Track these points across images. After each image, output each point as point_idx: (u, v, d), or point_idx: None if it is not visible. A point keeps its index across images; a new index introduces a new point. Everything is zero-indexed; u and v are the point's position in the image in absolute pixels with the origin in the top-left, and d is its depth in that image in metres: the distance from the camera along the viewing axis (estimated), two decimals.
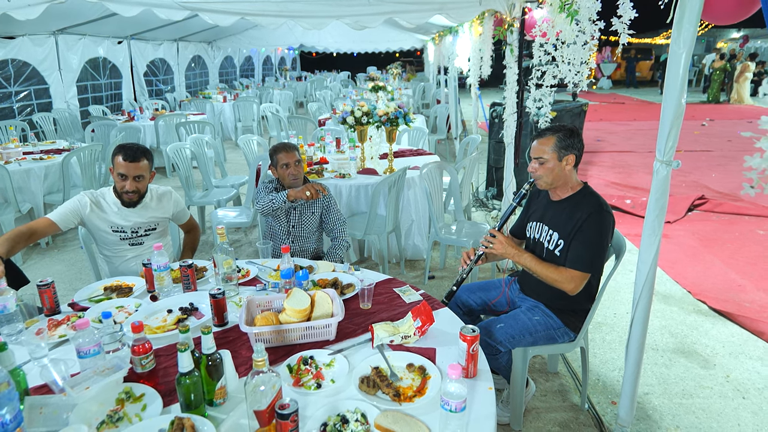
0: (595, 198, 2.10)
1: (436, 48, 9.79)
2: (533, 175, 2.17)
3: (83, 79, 8.21)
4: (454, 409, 1.21)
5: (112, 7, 3.55)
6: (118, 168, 2.37)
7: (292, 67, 20.96)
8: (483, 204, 5.78)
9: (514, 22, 3.57)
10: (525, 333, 2.13)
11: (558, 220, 2.13)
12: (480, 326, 2.13)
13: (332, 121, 6.52)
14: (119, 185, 2.41)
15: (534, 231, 2.26)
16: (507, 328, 2.13)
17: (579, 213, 2.05)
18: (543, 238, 2.19)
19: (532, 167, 2.15)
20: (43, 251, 4.55)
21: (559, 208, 2.16)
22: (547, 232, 2.17)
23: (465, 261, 2.29)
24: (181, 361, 1.30)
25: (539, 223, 2.23)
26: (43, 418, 1.30)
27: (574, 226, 2.05)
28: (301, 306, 1.74)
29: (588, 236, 2.02)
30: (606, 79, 21.83)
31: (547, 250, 2.16)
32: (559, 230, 2.11)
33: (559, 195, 2.18)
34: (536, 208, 2.31)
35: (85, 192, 2.46)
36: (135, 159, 2.37)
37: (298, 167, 2.80)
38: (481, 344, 1.98)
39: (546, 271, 2.06)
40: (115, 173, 2.40)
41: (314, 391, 1.46)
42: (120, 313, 1.92)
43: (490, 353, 2.11)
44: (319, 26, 3.94)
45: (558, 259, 2.11)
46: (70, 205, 2.40)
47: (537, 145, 2.13)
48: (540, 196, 2.32)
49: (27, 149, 5.22)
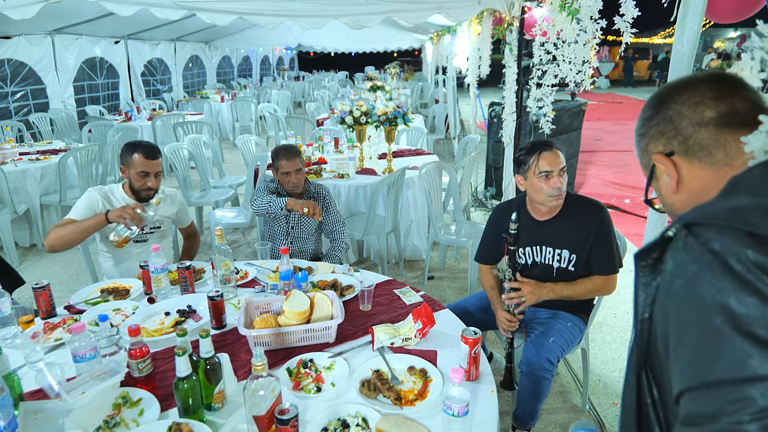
0: (585, 200, 2.08)
1: (435, 47, 9.78)
2: (559, 191, 1.97)
3: (80, 79, 8.16)
4: (457, 413, 1.19)
5: (108, 6, 3.52)
6: (139, 166, 2.40)
7: (290, 67, 20.93)
8: (482, 204, 5.77)
9: (513, 21, 3.55)
10: (570, 342, 2.09)
11: (561, 236, 2.06)
12: (528, 349, 2.02)
13: (330, 121, 6.50)
14: (139, 183, 2.43)
15: (533, 256, 2.15)
16: (558, 341, 2.04)
17: (585, 222, 2.01)
18: (549, 259, 2.11)
19: (559, 182, 1.96)
20: (40, 252, 4.51)
21: (555, 225, 2.08)
22: (552, 252, 2.10)
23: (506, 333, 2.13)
24: (179, 365, 1.28)
25: (537, 247, 2.12)
26: (38, 423, 1.28)
27: (588, 234, 2.00)
28: (301, 308, 1.72)
29: (607, 238, 2.00)
30: (604, 79, 21.85)
31: (559, 269, 2.10)
32: (569, 246, 2.05)
33: (549, 213, 2.08)
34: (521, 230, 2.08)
35: (92, 189, 2.45)
36: (155, 156, 2.43)
37: (299, 175, 2.77)
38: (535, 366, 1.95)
39: (584, 289, 2.03)
40: (134, 172, 2.41)
41: (314, 394, 1.44)
42: (117, 315, 1.90)
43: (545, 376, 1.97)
44: (317, 26, 3.91)
45: (573, 274, 2.07)
46: (84, 202, 2.38)
47: (556, 157, 1.96)
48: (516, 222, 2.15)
49: (23, 150, 5.18)
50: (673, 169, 0.83)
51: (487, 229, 2.32)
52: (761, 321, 0.56)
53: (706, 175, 0.80)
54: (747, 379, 0.55)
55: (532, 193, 2.04)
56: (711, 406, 0.58)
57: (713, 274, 0.61)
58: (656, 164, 0.86)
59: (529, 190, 2.06)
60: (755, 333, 0.55)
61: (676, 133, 0.82)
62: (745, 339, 0.56)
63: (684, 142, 0.81)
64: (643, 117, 0.89)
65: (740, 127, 0.77)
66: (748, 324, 0.56)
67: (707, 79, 0.82)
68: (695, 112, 0.80)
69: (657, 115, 0.85)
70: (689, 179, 0.82)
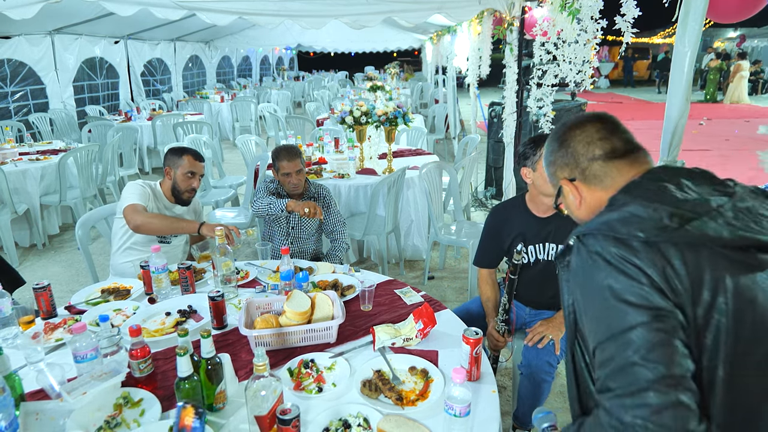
0: None
1: (435, 47, 9.77)
2: None
3: (80, 79, 8.16)
4: (458, 413, 1.19)
5: (108, 6, 3.51)
6: (187, 167, 2.52)
7: (290, 67, 20.92)
8: (482, 204, 5.77)
9: (513, 21, 3.55)
10: None
11: (565, 232, 2.05)
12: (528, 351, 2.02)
13: (330, 121, 6.50)
14: (186, 184, 2.53)
15: (535, 253, 2.13)
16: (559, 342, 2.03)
17: None
18: (552, 256, 2.11)
19: None
20: (40, 252, 4.51)
21: (559, 221, 2.06)
22: (555, 248, 2.09)
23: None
24: (180, 365, 1.28)
25: (540, 244, 2.11)
26: (39, 424, 1.28)
27: None
28: (302, 308, 1.71)
29: None
30: (604, 79, 21.85)
31: None
32: None
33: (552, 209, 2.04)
34: (521, 231, 2.13)
35: (140, 181, 2.51)
36: (202, 159, 2.59)
37: (300, 176, 2.77)
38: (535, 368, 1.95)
39: None
40: (181, 172, 2.52)
41: (315, 395, 1.44)
42: (117, 316, 1.90)
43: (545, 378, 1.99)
44: (317, 26, 3.91)
45: None
46: (138, 190, 2.44)
47: None
48: (514, 222, 2.16)
49: (23, 150, 5.17)
50: (576, 191, 1.13)
51: (484, 231, 2.28)
52: (629, 291, 0.90)
53: (600, 196, 1.09)
54: (627, 328, 0.88)
55: (541, 184, 2.02)
56: (610, 352, 0.90)
57: (598, 267, 0.95)
58: (563, 186, 1.16)
59: (537, 181, 2.04)
60: (627, 299, 0.90)
61: (576, 165, 1.11)
62: (622, 304, 0.90)
63: (582, 173, 1.11)
64: (550, 150, 1.19)
65: (620, 158, 1.07)
66: (623, 294, 0.90)
67: (594, 121, 1.11)
68: (588, 150, 1.09)
69: (560, 150, 1.15)
70: (588, 199, 1.12)
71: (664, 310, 0.88)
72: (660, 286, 0.89)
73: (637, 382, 0.85)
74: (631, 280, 0.90)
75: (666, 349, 0.85)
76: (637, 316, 0.88)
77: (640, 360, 0.85)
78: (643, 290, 0.89)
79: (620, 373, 0.87)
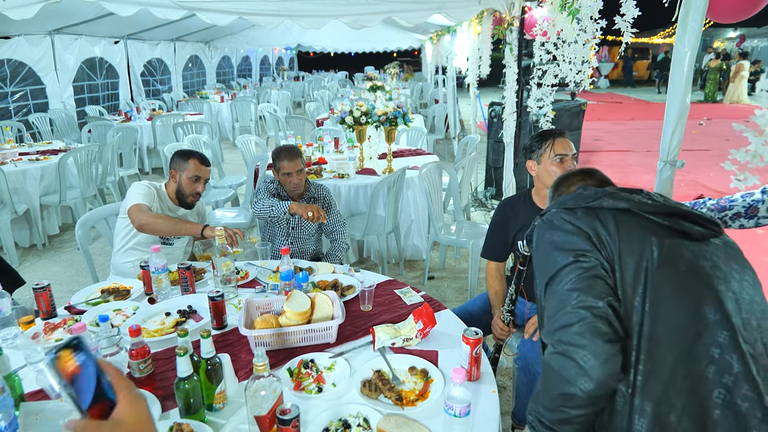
0: None
1: (434, 47, 9.77)
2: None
3: (80, 80, 8.15)
4: (458, 413, 1.19)
5: (108, 6, 3.51)
6: (195, 171, 2.52)
7: (290, 67, 20.92)
8: (482, 204, 5.77)
9: (513, 21, 3.55)
10: None
11: None
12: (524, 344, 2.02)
13: (330, 121, 6.50)
14: (191, 187, 2.54)
15: None
16: None
17: None
18: None
19: (573, 166, 2.02)
20: (40, 252, 4.51)
21: None
22: None
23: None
24: (180, 365, 1.28)
25: None
26: (39, 424, 1.27)
27: None
28: (302, 308, 1.71)
29: None
30: (603, 79, 21.85)
31: None
32: None
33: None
34: (526, 224, 2.10)
35: (146, 182, 2.51)
36: (208, 164, 2.60)
37: (300, 176, 2.77)
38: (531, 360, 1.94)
39: None
40: (187, 176, 2.52)
41: (315, 395, 1.44)
42: (117, 316, 1.89)
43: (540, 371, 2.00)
44: (317, 26, 3.91)
45: None
46: (143, 190, 2.43)
47: (568, 143, 2.04)
48: (519, 214, 2.18)
49: (23, 150, 5.17)
50: None
51: (492, 223, 2.31)
52: (562, 241, 1.19)
53: None
54: (560, 268, 1.16)
55: (545, 178, 2.04)
56: (552, 288, 1.17)
57: (546, 227, 1.27)
58: None
59: (542, 175, 2.06)
60: (560, 247, 1.19)
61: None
62: (558, 250, 1.19)
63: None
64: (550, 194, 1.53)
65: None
66: (559, 245, 1.19)
67: (577, 174, 1.46)
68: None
69: (554, 195, 1.49)
70: None
71: (586, 251, 1.14)
72: (589, 236, 1.16)
73: (560, 310, 1.10)
74: (567, 234, 1.19)
75: (586, 282, 1.10)
76: (564, 259, 1.15)
77: (565, 291, 1.11)
78: (573, 239, 1.17)
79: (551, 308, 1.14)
